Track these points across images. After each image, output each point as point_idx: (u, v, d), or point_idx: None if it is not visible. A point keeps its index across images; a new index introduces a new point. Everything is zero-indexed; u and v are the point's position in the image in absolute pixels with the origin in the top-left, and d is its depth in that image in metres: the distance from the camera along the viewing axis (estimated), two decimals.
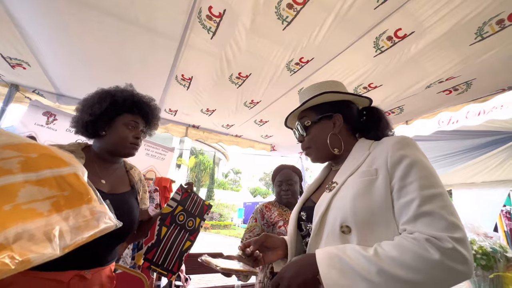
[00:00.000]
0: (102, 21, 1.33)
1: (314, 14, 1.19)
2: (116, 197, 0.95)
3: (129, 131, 1.01)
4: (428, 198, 0.54)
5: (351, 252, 0.53)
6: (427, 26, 1.22)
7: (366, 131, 0.80)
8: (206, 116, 2.44)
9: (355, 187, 0.62)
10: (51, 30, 1.44)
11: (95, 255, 0.87)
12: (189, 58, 1.60)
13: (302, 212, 0.79)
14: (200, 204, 1.23)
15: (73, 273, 0.79)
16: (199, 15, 1.26)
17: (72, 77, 1.97)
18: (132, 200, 1.02)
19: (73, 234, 0.53)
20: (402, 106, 2.06)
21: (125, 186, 1.04)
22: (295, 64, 1.57)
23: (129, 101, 1.02)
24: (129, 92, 1.06)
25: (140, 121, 1.05)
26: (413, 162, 0.59)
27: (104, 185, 0.94)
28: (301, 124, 0.81)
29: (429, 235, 0.49)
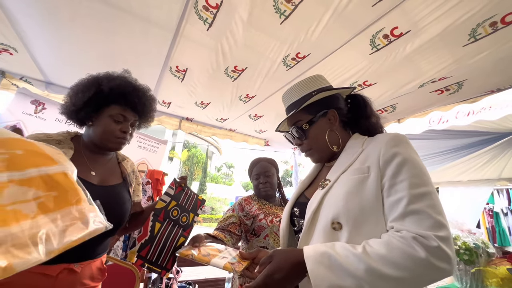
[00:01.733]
0: (93, 7, 1.28)
1: (312, 8, 1.18)
2: (107, 189, 0.92)
3: (116, 124, 0.93)
4: (416, 196, 0.55)
5: (340, 249, 0.54)
6: (423, 26, 1.23)
7: (356, 123, 0.80)
8: (200, 109, 2.42)
9: (347, 184, 0.63)
10: (40, 15, 1.38)
11: (84, 249, 0.84)
12: (184, 50, 1.57)
13: (295, 207, 0.79)
14: (194, 199, 1.22)
15: (61, 267, 0.77)
16: (195, 5, 1.23)
17: (62, 64, 1.91)
18: (123, 192, 0.99)
19: (60, 238, 0.51)
20: (395, 105, 2.09)
21: (116, 178, 1.01)
22: (291, 59, 1.56)
23: (116, 91, 0.93)
24: (119, 80, 0.97)
25: (129, 114, 0.97)
26: (404, 160, 0.59)
27: (94, 177, 0.90)
28: (298, 128, 0.79)
29: (415, 234, 0.51)
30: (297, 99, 0.79)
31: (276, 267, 0.57)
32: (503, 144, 3.18)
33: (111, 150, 0.99)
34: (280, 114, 2.39)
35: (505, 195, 5.81)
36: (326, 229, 0.61)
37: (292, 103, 0.81)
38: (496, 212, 5.90)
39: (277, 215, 1.37)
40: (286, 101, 0.84)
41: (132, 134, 1.03)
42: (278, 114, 2.44)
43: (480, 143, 3.35)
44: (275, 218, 1.35)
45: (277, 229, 1.31)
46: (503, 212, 5.80)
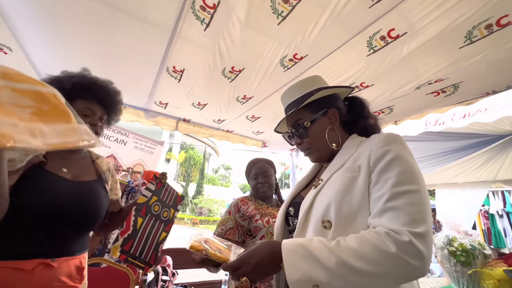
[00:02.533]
0: (89, 6, 1.27)
1: (309, 10, 1.18)
2: (81, 185, 0.92)
3: (84, 118, 0.91)
4: (398, 194, 0.54)
5: (316, 242, 0.55)
6: (419, 28, 1.24)
7: (355, 124, 0.81)
8: (197, 110, 2.41)
9: (337, 183, 0.64)
10: (36, 13, 1.36)
11: (61, 243, 0.84)
12: (181, 50, 1.56)
13: (291, 207, 0.80)
14: (174, 195, 1.23)
15: (37, 262, 0.76)
16: (192, 5, 1.22)
17: (57, 64, 1.88)
18: (99, 188, 0.99)
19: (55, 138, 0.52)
20: (392, 106, 2.10)
21: (91, 175, 1.00)
22: (288, 60, 1.56)
23: (78, 85, 0.94)
24: (80, 77, 0.97)
25: (96, 108, 0.97)
26: (394, 158, 0.59)
27: (67, 173, 0.89)
28: (299, 126, 0.78)
29: (388, 229, 0.51)
30: (297, 97, 0.80)
31: (253, 252, 0.58)
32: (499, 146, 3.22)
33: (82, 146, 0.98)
34: (277, 116, 2.39)
35: (500, 197, 5.87)
36: (317, 228, 0.62)
37: (292, 102, 0.81)
38: (491, 214, 5.95)
39: (273, 216, 1.36)
40: (286, 100, 0.84)
41: (102, 128, 1.03)
42: (275, 116, 2.44)
43: (475, 145, 3.38)
44: (272, 218, 1.34)
45: (273, 230, 1.31)
46: (499, 214, 5.85)
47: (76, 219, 0.87)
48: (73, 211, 0.85)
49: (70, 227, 0.86)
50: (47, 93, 0.59)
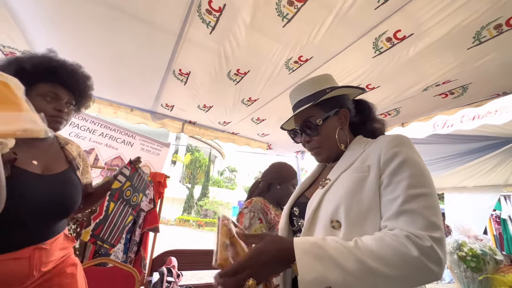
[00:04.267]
0: (99, 11, 1.30)
1: (314, 12, 1.18)
2: (53, 178, 0.90)
3: (47, 103, 0.88)
4: (412, 197, 0.54)
5: (331, 241, 0.53)
6: (426, 29, 1.23)
7: (362, 126, 0.81)
8: (203, 112, 2.43)
9: (347, 183, 0.63)
10: (45, 18, 1.40)
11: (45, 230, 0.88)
12: (187, 53, 1.58)
13: (295, 207, 0.78)
14: (144, 180, 1.28)
15: (31, 249, 0.81)
16: (198, 8, 1.24)
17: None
18: (72, 177, 0.97)
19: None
20: (399, 108, 2.07)
21: (61, 164, 0.96)
22: (294, 62, 1.56)
23: (41, 67, 0.87)
24: (43, 57, 0.90)
25: (62, 92, 0.91)
26: (404, 160, 0.59)
27: (37, 166, 0.86)
28: (310, 124, 0.76)
29: (409, 232, 0.50)
30: (310, 94, 0.78)
31: (262, 249, 0.54)
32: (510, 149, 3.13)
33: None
34: (282, 118, 2.38)
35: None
36: (325, 228, 0.61)
37: (303, 98, 0.79)
38: (503, 219, 5.78)
39: None
40: (296, 96, 0.81)
41: (70, 114, 0.97)
42: (280, 118, 2.44)
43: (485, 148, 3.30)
44: None
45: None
46: (511, 219, 5.68)
47: (52, 212, 0.89)
48: (48, 207, 0.86)
49: (49, 218, 0.90)
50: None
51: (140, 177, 1.25)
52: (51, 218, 0.90)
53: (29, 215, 0.83)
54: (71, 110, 0.98)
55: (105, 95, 2.33)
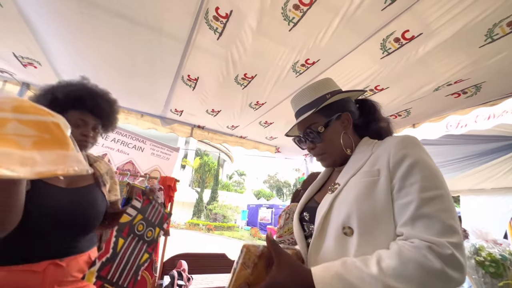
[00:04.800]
0: (110, 21, 1.35)
1: (320, 15, 1.18)
2: (76, 191, 0.94)
3: (75, 129, 0.94)
4: (427, 200, 0.53)
5: (353, 268, 0.50)
6: (436, 28, 1.21)
7: (367, 127, 0.79)
8: (211, 116, 2.46)
9: (357, 188, 0.61)
10: (61, 29, 1.47)
11: (65, 245, 0.89)
12: (195, 59, 1.61)
13: (305, 212, 0.77)
14: (161, 213, 1.16)
15: (46, 263, 0.82)
16: (206, 15, 1.27)
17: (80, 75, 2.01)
18: (95, 192, 1.00)
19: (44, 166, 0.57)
20: (409, 109, 2.03)
21: (87, 180, 1.01)
22: (300, 65, 1.57)
23: (71, 96, 0.95)
24: (73, 86, 0.99)
25: (89, 118, 0.98)
26: (415, 162, 0.57)
27: (62, 181, 0.91)
28: (313, 131, 0.76)
29: (428, 242, 0.49)
30: (310, 101, 0.77)
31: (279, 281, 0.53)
32: None
33: None
34: (290, 121, 2.38)
35: None
36: (337, 235, 0.60)
37: (304, 106, 0.78)
38: None
39: None
40: (297, 104, 0.81)
41: (95, 138, 1.04)
42: (288, 121, 2.43)
43: (503, 148, 3.18)
44: None
45: None
46: None
47: (72, 223, 0.90)
48: (67, 217, 0.88)
49: (69, 231, 0.90)
50: (51, 122, 0.64)
51: (155, 210, 1.14)
52: (70, 232, 0.90)
53: (48, 227, 0.84)
54: (97, 133, 1.05)
55: None
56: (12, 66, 1.85)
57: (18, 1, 1.28)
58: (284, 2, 1.14)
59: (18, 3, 1.29)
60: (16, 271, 0.78)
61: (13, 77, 2.03)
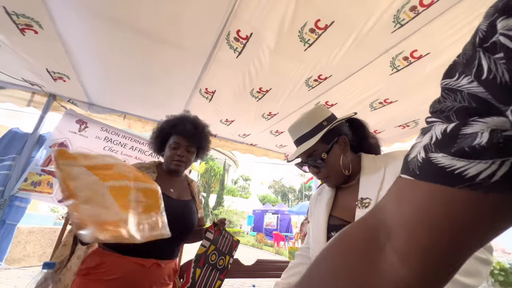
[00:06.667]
0: (136, 40, 1.45)
1: (334, 37, 1.28)
2: (183, 203, 1.15)
3: (173, 150, 1.18)
4: None
5: None
6: (442, 48, 1.29)
7: (360, 144, 0.88)
8: (224, 126, 2.56)
9: None
10: (89, 46, 1.58)
11: (168, 248, 1.06)
12: (214, 74, 1.72)
13: (333, 232, 0.78)
14: (230, 241, 1.23)
15: (152, 261, 0.99)
16: (227, 37, 1.38)
17: (103, 88, 2.14)
18: (193, 206, 1.20)
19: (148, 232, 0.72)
20: (418, 120, 2.09)
21: (188, 195, 1.23)
22: (313, 80, 1.66)
23: (171, 124, 1.22)
24: (173, 117, 1.26)
25: (182, 141, 1.19)
26: None
27: (173, 193, 1.14)
28: (316, 158, 0.81)
29: None
30: (309, 130, 0.82)
31: None
32: None
33: (174, 172, 1.20)
34: None
35: None
36: None
37: (304, 135, 0.83)
38: None
39: None
40: (296, 133, 0.86)
41: (190, 159, 1.24)
42: None
43: None
44: None
45: None
46: None
47: (180, 229, 1.08)
48: (179, 223, 1.06)
49: (176, 236, 1.04)
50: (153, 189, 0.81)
51: (225, 239, 1.21)
52: (177, 236, 1.04)
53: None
54: (191, 154, 1.24)
55: (134, 111, 2.53)
56: (43, 80, 2.00)
57: (58, 22, 1.40)
58: (301, 26, 1.24)
59: (57, 24, 1.41)
60: (129, 261, 0.95)
61: (42, 89, 2.18)
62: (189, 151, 1.22)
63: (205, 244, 1.12)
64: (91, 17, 1.31)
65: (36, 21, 1.37)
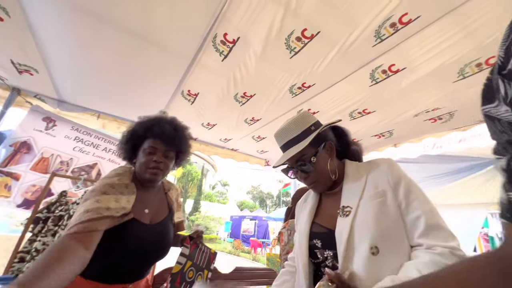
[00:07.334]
0: (116, 35, 1.38)
1: (319, 47, 1.32)
2: (157, 227, 1.03)
3: (148, 156, 1.00)
4: (429, 212, 0.65)
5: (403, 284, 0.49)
6: (417, 64, 1.38)
7: (345, 150, 0.90)
8: (206, 129, 2.51)
9: (372, 209, 0.69)
10: (65, 40, 1.47)
11: (137, 272, 1.00)
12: (198, 76, 1.68)
13: (315, 239, 0.78)
14: (207, 254, 1.14)
15: (120, 286, 0.93)
16: (213, 39, 1.36)
17: (77, 85, 2.00)
18: (169, 225, 1.10)
19: None
20: (392, 131, 2.21)
21: (164, 211, 1.10)
22: (297, 88, 1.69)
23: (144, 127, 1.04)
24: (148, 118, 1.09)
25: (159, 145, 1.02)
26: (408, 182, 0.71)
27: (147, 215, 1.00)
28: (306, 162, 0.80)
29: (448, 248, 0.60)
30: (297, 134, 0.81)
31: None
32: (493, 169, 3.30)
33: (149, 182, 1.04)
34: None
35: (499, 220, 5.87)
36: (366, 256, 0.63)
37: (292, 139, 0.82)
38: (491, 236, 5.93)
39: None
40: (284, 138, 0.84)
41: (168, 166, 1.07)
42: None
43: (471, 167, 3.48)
44: None
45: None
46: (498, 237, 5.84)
47: (152, 256, 1.01)
48: (151, 251, 0.99)
49: (147, 262, 1.01)
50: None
51: (202, 252, 1.12)
52: (146, 261, 1.01)
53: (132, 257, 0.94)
54: (170, 160, 1.08)
55: (110, 111, 2.39)
56: (6, 72, 1.82)
57: (29, 12, 1.29)
58: (288, 34, 1.26)
59: (27, 11, 1.29)
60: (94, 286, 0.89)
61: (4, 82, 1.98)
62: (167, 156, 1.05)
63: (181, 261, 1.01)
64: (70, 9, 1.22)
65: (2, 8, 1.25)
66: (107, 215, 0.84)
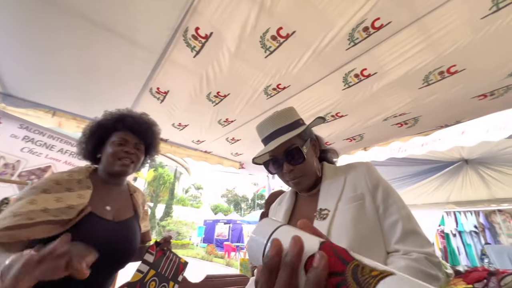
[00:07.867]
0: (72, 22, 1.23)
1: (294, 47, 1.30)
2: (121, 225, 0.94)
3: (118, 147, 0.98)
4: (406, 217, 0.65)
5: None
6: (387, 69, 1.42)
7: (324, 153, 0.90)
8: (177, 130, 2.38)
9: (349, 212, 0.66)
10: (11, 22, 1.28)
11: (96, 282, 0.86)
12: (168, 73, 1.57)
13: None
14: (176, 264, 1.04)
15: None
16: (184, 33, 1.27)
17: (26, 77, 1.77)
18: (135, 226, 1.00)
19: None
20: (363, 134, 2.29)
21: (129, 211, 1.02)
22: (272, 89, 1.66)
23: (113, 120, 1.03)
24: (115, 113, 1.07)
25: (129, 137, 1.02)
26: (386, 186, 0.71)
27: (109, 212, 0.92)
28: (295, 151, 0.74)
29: (424, 254, 0.60)
30: (286, 124, 0.77)
31: None
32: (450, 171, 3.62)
33: (119, 175, 1.00)
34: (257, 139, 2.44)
35: (453, 218, 6.45)
36: None
37: (280, 128, 0.77)
38: (446, 233, 6.47)
39: None
40: (272, 126, 0.79)
41: (139, 158, 1.05)
42: (255, 139, 2.49)
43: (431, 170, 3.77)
44: None
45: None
46: (452, 233, 6.39)
47: (116, 259, 0.90)
48: (115, 251, 0.88)
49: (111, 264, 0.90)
50: None
51: (170, 261, 1.01)
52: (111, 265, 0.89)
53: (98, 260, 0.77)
54: (140, 152, 1.06)
55: (68, 108, 2.16)
56: None
57: None
58: (263, 32, 1.22)
59: None
60: None
61: None
62: (138, 149, 1.04)
63: (142, 269, 0.91)
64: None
65: None
66: (42, 220, 0.71)
